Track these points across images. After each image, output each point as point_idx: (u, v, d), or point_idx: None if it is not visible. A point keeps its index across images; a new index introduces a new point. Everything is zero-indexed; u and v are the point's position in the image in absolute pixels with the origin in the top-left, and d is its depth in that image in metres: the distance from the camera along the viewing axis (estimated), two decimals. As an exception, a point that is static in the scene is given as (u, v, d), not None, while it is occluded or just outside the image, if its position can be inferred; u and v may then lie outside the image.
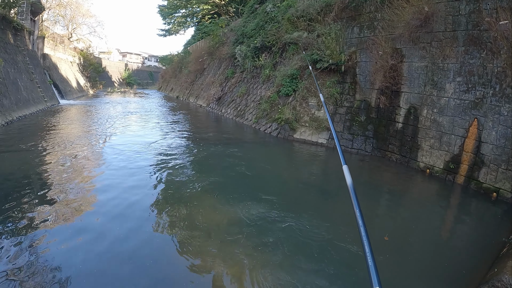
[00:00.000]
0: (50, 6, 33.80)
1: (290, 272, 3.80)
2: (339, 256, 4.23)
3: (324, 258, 4.13)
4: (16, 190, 6.01)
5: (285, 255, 4.14)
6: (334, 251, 4.33)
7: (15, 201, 5.49)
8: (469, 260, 4.46)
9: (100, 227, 4.77)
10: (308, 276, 3.76)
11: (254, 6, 20.78)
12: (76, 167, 7.78)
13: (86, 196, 6.00)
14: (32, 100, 17.93)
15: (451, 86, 7.82)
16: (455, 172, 7.43)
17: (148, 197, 6.05)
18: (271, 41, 16.35)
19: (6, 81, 14.77)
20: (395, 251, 4.49)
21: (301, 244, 4.43)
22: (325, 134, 11.51)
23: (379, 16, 10.02)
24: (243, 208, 5.52)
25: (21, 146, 9.59)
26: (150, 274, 3.67)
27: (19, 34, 19.89)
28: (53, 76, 26.31)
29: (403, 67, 9.21)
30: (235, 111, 18.37)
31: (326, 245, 4.46)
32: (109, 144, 10.46)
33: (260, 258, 4.06)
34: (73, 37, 42.18)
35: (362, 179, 8.02)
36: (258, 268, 3.84)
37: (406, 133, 8.92)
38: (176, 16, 42.10)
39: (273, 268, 3.86)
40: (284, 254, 4.15)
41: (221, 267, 3.88)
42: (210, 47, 26.65)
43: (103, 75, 52.70)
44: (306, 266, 3.94)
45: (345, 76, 11.40)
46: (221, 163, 8.80)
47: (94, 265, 3.82)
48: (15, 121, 14.03)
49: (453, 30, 7.79)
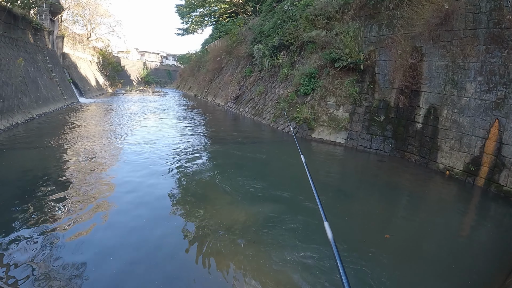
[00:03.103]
0: (69, 6, 35.23)
1: (305, 272, 3.98)
2: (355, 255, 4.39)
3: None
4: (35, 185, 6.43)
5: (302, 255, 4.30)
6: (349, 250, 4.50)
7: (33, 195, 5.90)
8: (487, 265, 4.53)
9: (116, 223, 5.08)
10: (323, 276, 3.92)
11: (272, 4, 21.06)
12: (94, 164, 8.29)
13: (104, 192, 6.36)
14: (52, 98, 18.89)
15: (471, 86, 7.82)
16: (475, 174, 7.46)
17: (165, 194, 6.40)
18: (289, 40, 16.57)
19: (26, 79, 15.67)
20: (411, 254, 4.64)
21: (317, 245, 4.59)
22: (343, 134, 11.64)
23: (398, 14, 10.06)
24: (259, 207, 5.82)
25: (40, 143, 10.20)
26: (165, 271, 3.94)
27: (39, 34, 20.92)
28: (72, 75, 27.53)
29: (423, 66, 9.24)
30: (253, 110, 18.68)
31: (341, 245, 4.63)
32: (128, 142, 10.98)
33: (275, 257, 4.26)
34: (92, 36, 43.76)
35: (380, 180, 8.17)
36: (271, 268, 4.06)
37: (426, 133, 8.95)
38: (194, 15, 43.03)
39: (288, 268, 4.06)
40: (301, 255, 4.32)
41: (235, 265, 4.13)
42: (228, 46, 27.08)
43: (122, 74, 54.44)
44: (319, 266, 4.11)
45: (364, 75, 11.48)
46: (238, 161, 9.17)
47: (109, 259, 4.06)
48: (35, 119, 14.81)
49: (474, 28, 7.79)
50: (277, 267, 4.06)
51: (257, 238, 4.74)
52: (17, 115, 13.24)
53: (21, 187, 6.38)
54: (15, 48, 15.92)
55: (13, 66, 14.42)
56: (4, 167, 7.67)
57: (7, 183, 6.56)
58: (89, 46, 39.98)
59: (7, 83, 13.23)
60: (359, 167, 9.65)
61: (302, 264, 4.12)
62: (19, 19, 17.05)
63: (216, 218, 5.35)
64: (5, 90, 12.87)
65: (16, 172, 7.34)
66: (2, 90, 12.58)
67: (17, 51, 16.04)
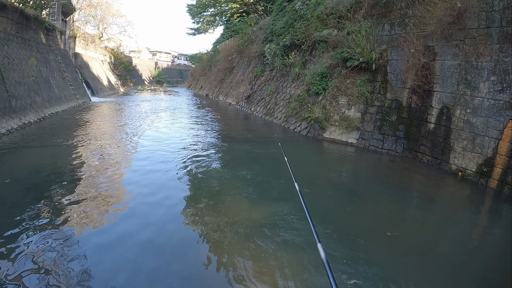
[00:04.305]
0: (80, 7, 36.19)
1: (316, 272, 4.11)
2: (366, 255, 4.50)
3: (351, 260, 4.41)
4: (46, 183, 6.71)
5: (313, 255, 4.42)
6: (361, 250, 4.62)
7: (45, 193, 6.14)
8: (499, 268, 4.59)
9: (127, 220, 5.26)
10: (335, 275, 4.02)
11: (283, 4, 21.19)
12: (107, 162, 8.59)
13: (115, 190, 6.57)
14: (64, 98, 19.53)
15: (485, 86, 7.81)
16: (488, 175, 7.45)
17: (177, 192, 6.61)
18: (300, 39, 16.69)
19: (38, 79, 16.27)
20: (422, 255, 4.73)
21: (329, 244, 4.71)
22: (355, 134, 11.69)
23: (410, 13, 10.07)
24: (270, 207, 5.98)
25: (52, 142, 10.52)
26: (177, 271, 4.06)
27: (51, 34, 21.63)
28: (84, 75, 28.34)
29: (436, 65, 9.24)
30: (264, 110, 18.85)
31: (353, 245, 4.74)
32: (139, 140, 11.30)
33: (286, 258, 4.39)
34: (104, 36, 44.78)
35: (392, 181, 8.25)
36: (283, 268, 4.19)
37: (438, 134, 8.96)
38: (205, 15, 43.55)
39: (299, 269, 4.19)
40: (311, 255, 4.44)
41: (245, 263, 4.28)
42: (239, 46, 27.34)
43: (134, 73, 55.49)
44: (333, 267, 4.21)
45: (376, 75, 11.51)
46: (249, 160, 9.36)
47: (121, 257, 4.21)
48: (47, 118, 15.32)
49: (487, 26, 7.78)
50: (292, 270, 4.14)
51: (270, 238, 4.85)
52: (30, 114, 13.74)
53: (33, 184, 6.62)
54: (28, 48, 16.49)
55: (25, 65, 14.98)
56: (17, 165, 8.01)
57: (20, 181, 6.82)
58: (101, 46, 40.86)
59: (20, 83, 13.76)
60: (370, 168, 9.70)
61: (316, 268, 4.22)
62: (31, 19, 17.68)
63: (226, 216, 5.50)
64: (18, 90, 13.38)
65: (28, 170, 7.61)
66: (15, 90, 13.09)
67: (30, 51, 16.61)
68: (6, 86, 12.26)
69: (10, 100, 12.29)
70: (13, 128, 11.64)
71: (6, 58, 13.33)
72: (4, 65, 12.86)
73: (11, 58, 13.87)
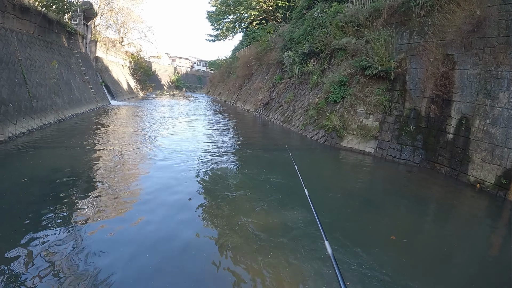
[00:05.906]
0: (102, 12, 37.77)
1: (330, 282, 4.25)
2: (381, 265, 4.62)
3: (363, 267, 4.54)
4: (65, 183, 7.05)
5: (327, 266, 4.52)
6: (377, 261, 4.73)
7: (62, 193, 6.47)
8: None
9: (142, 223, 5.47)
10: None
11: (302, 11, 21.52)
12: (125, 164, 9.02)
13: (132, 192, 6.89)
14: (84, 100, 20.49)
15: (505, 96, 7.81)
16: (507, 188, 7.42)
17: (192, 198, 6.80)
18: (319, 47, 16.93)
19: (59, 81, 17.21)
20: (436, 267, 4.81)
21: (344, 254, 4.86)
22: (372, 143, 11.74)
23: (429, 21, 10.16)
24: (286, 215, 6.15)
25: (71, 143, 11.07)
26: (190, 275, 4.27)
27: (73, 38, 22.81)
28: (104, 78, 29.60)
29: (455, 74, 9.27)
30: (282, 117, 19.09)
31: (369, 257, 4.87)
32: (157, 144, 11.75)
33: (300, 267, 4.53)
34: (124, 41, 46.45)
35: (409, 191, 8.30)
36: (298, 277, 4.34)
37: (457, 144, 8.95)
38: (224, 22, 44.58)
39: (313, 278, 4.31)
40: (326, 266, 4.53)
41: (259, 271, 4.46)
42: (258, 53, 27.81)
43: (153, 78, 57.14)
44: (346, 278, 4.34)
45: (395, 84, 11.58)
46: (266, 168, 9.61)
47: (135, 260, 4.36)
48: (67, 119, 16.12)
49: (507, 35, 7.81)
50: (305, 277, 4.27)
51: (283, 245, 5.01)
52: (50, 115, 14.54)
53: (51, 184, 6.97)
54: (50, 51, 17.50)
55: (47, 68, 15.88)
56: (36, 165, 8.51)
57: (38, 181, 7.20)
58: (121, 50, 42.38)
59: (41, 84, 14.59)
60: (387, 178, 9.74)
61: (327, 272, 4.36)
62: (54, 23, 18.73)
63: (242, 223, 5.72)
64: (39, 91, 14.19)
65: (47, 170, 8.06)
66: (36, 91, 13.89)
67: (51, 53, 17.61)
68: (28, 87, 13.07)
69: (31, 100, 13.07)
70: (33, 128, 12.33)
71: (28, 60, 14.20)
72: (27, 67, 13.71)
73: (33, 60, 14.74)
